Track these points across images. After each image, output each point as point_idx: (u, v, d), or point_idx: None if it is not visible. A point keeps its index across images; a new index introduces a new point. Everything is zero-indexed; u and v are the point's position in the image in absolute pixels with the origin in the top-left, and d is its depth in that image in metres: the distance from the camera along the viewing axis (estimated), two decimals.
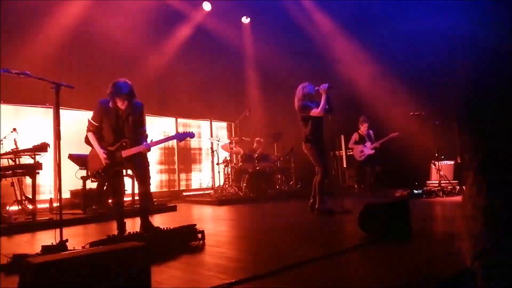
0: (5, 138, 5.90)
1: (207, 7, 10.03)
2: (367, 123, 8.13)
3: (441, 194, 6.99)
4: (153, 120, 9.19)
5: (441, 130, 7.88)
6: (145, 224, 4.04)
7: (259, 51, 10.62)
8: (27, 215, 5.48)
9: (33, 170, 5.28)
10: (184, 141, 4.08)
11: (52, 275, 1.67)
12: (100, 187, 6.47)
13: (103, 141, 3.91)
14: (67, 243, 3.06)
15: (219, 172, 9.13)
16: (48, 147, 5.56)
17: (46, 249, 3.02)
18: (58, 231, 3.05)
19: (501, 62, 7.48)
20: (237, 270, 2.52)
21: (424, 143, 8.60)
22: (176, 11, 9.76)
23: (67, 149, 5.82)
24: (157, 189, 9.13)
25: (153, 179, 4.15)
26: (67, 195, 6.69)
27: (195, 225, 3.59)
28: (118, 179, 3.95)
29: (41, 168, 5.42)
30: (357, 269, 2.61)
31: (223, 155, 9.14)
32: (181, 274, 2.56)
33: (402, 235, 3.42)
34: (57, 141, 3.14)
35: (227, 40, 10.36)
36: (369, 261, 2.75)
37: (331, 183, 8.52)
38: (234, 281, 2.20)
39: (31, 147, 5.58)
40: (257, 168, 8.56)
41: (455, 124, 8.80)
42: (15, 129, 5.94)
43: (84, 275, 1.77)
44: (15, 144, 5.81)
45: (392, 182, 8.79)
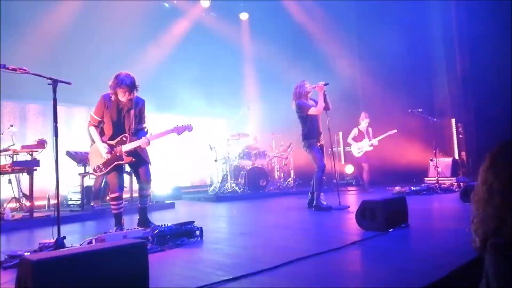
0: (2, 134, 5.87)
1: (205, 3, 9.99)
2: (368, 119, 8.17)
3: (439, 190, 7.02)
4: (151, 116, 9.14)
5: (439, 127, 7.90)
6: (143, 221, 4.05)
7: (258, 47, 10.59)
8: (24, 212, 5.47)
9: (31, 167, 5.27)
10: (182, 134, 4.07)
11: (49, 273, 1.67)
12: (97, 183, 6.48)
13: (103, 135, 3.91)
14: (65, 240, 3.05)
15: (217, 169, 9.13)
16: (45, 144, 5.54)
17: (43, 246, 3.02)
18: (55, 228, 3.04)
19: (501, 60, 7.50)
20: (235, 266, 2.52)
21: (422, 140, 8.63)
22: (174, 7, 9.73)
23: (65, 146, 5.81)
24: (155, 186, 9.11)
25: (152, 176, 4.14)
26: (64, 192, 6.68)
27: (193, 221, 3.59)
28: (117, 174, 3.94)
29: (38, 165, 5.41)
30: (354, 266, 2.61)
31: (221, 152, 9.12)
32: (179, 270, 2.57)
33: (399, 231, 3.43)
34: (55, 137, 3.12)
35: (225, 36, 10.33)
36: (366, 258, 2.76)
37: (329, 179, 8.56)
38: (232, 277, 2.21)
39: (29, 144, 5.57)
40: (255, 165, 8.56)
41: (452, 121, 8.82)
42: (11, 126, 5.92)
43: (82, 273, 1.77)
44: (12, 140, 5.79)
45: (390, 178, 8.82)
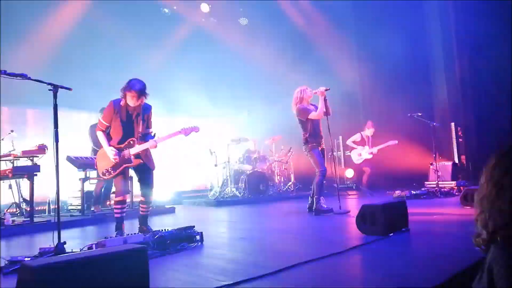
0: (3, 139, 5.88)
1: (205, 8, 10.03)
2: (373, 129, 8.40)
3: (439, 194, 7.01)
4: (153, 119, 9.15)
5: (438, 131, 7.91)
6: (144, 227, 4.05)
7: (257, 52, 10.60)
8: (24, 217, 5.47)
9: (31, 172, 5.27)
10: (189, 135, 4.12)
11: (50, 279, 1.67)
12: (98, 189, 6.48)
13: (111, 140, 3.95)
14: (65, 246, 3.04)
15: (217, 173, 9.12)
16: (46, 149, 5.54)
17: (44, 252, 3.01)
18: (56, 233, 3.04)
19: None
20: (236, 271, 2.52)
21: (422, 144, 8.63)
22: (174, 13, 9.77)
23: (65, 151, 5.81)
24: (155, 191, 9.09)
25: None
26: (65, 197, 6.67)
27: (194, 226, 3.59)
28: (124, 178, 3.96)
29: (39, 170, 5.41)
30: (355, 270, 2.61)
31: (221, 156, 9.12)
32: (179, 275, 2.56)
33: (400, 235, 3.43)
34: (55, 143, 3.13)
35: (225, 41, 10.36)
36: (367, 263, 2.75)
37: (330, 183, 8.56)
38: (233, 282, 2.20)
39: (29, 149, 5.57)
40: (255, 169, 8.56)
41: (452, 125, 8.83)
42: (12, 131, 5.92)
43: (82, 278, 1.77)
44: (13, 145, 5.79)
45: (390, 183, 8.82)
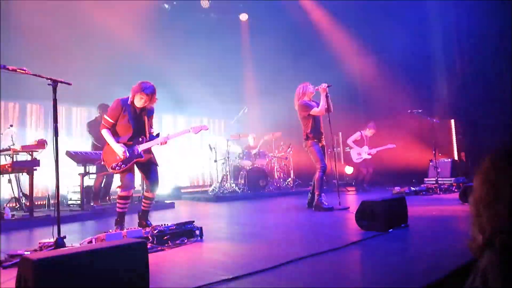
0: (2, 134, 5.87)
1: (205, 4, 9.98)
2: (375, 130, 8.51)
3: (438, 191, 7.02)
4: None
5: (438, 128, 7.92)
6: (144, 221, 4.06)
7: (257, 48, 10.57)
8: (24, 212, 5.47)
9: (31, 167, 5.27)
10: (199, 133, 4.35)
11: (50, 272, 1.67)
12: (98, 183, 6.49)
13: (121, 137, 3.96)
14: (65, 240, 3.05)
15: (217, 169, 9.12)
16: (46, 144, 5.54)
17: (43, 246, 3.02)
18: (55, 227, 3.05)
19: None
20: (236, 266, 2.53)
21: (421, 140, 8.64)
22: (174, 8, 9.72)
23: (65, 146, 5.81)
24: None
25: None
26: (64, 191, 6.68)
27: (193, 221, 3.60)
28: (131, 173, 3.98)
29: (38, 165, 5.40)
30: (354, 266, 2.62)
31: (221, 152, 9.12)
32: (179, 270, 2.57)
33: (399, 232, 3.44)
34: (55, 137, 3.12)
35: (225, 37, 10.32)
36: (366, 258, 2.76)
37: (329, 179, 8.58)
38: (232, 277, 2.21)
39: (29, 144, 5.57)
40: (255, 165, 8.56)
41: (451, 122, 8.84)
42: (11, 126, 5.91)
43: (82, 272, 1.77)
44: (12, 140, 5.78)
45: (390, 179, 8.83)
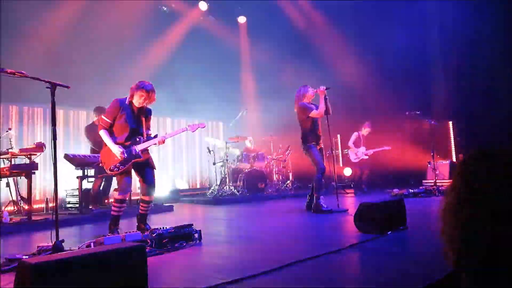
0: (0, 137, 5.86)
1: (203, 6, 10.00)
2: (370, 129, 8.60)
3: (437, 193, 7.02)
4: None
5: (436, 129, 7.93)
6: (142, 225, 4.05)
7: (256, 50, 10.59)
8: (22, 215, 5.46)
9: (29, 170, 5.26)
10: (196, 131, 4.33)
11: (48, 276, 1.67)
12: (96, 186, 6.47)
13: (117, 137, 3.94)
14: (63, 244, 3.04)
15: (215, 171, 9.11)
16: (44, 147, 5.53)
17: (42, 250, 3.01)
18: (54, 231, 3.04)
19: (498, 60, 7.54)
20: (234, 269, 2.52)
21: (420, 142, 8.66)
22: (172, 10, 9.73)
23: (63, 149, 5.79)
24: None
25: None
26: (63, 195, 6.67)
27: (192, 224, 3.59)
28: (128, 176, 3.96)
29: (37, 168, 5.40)
30: (352, 268, 2.62)
31: (220, 154, 9.12)
32: (178, 273, 2.57)
33: (398, 234, 3.44)
34: (53, 141, 3.12)
35: (223, 39, 10.34)
36: (364, 261, 2.76)
37: (328, 182, 8.59)
38: (231, 280, 2.21)
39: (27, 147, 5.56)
40: (254, 167, 8.56)
41: (449, 124, 8.86)
42: (10, 129, 5.91)
43: (80, 276, 1.77)
44: (11, 144, 5.77)
45: (388, 181, 8.84)
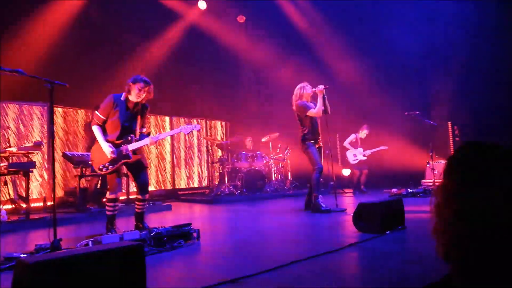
0: None
1: (202, 5, 9.98)
2: (368, 131, 8.65)
3: None
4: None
5: (435, 130, 7.94)
6: (140, 224, 4.03)
7: (254, 50, 10.59)
8: (20, 214, 5.44)
9: (26, 168, 5.24)
10: (190, 133, 4.19)
11: (46, 275, 1.66)
12: (93, 185, 6.46)
13: (108, 135, 3.90)
14: (61, 242, 3.03)
15: (214, 170, 9.11)
16: (42, 145, 5.52)
17: (39, 248, 3.00)
18: (51, 230, 3.03)
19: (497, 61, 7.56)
20: (233, 268, 2.52)
21: (418, 143, 8.67)
22: (170, 9, 9.71)
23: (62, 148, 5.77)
24: (152, 188, 9.11)
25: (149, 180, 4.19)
26: (60, 193, 6.66)
27: (191, 224, 3.59)
28: (118, 175, 3.93)
29: (34, 166, 5.38)
30: (351, 268, 2.62)
31: (218, 153, 9.12)
32: (176, 273, 2.56)
33: (396, 233, 3.44)
34: (51, 139, 3.11)
35: (222, 38, 10.33)
36: (363, 260, 2.76)
37: (327, 181, 8.59)
38: (229, 279, 2.20)
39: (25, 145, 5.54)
40: (252, 167, 8.56)
41: (448, 124, 8.87)
42: (8, 127, 5.89)
43: (78, 275, 1.76)
44: (9, 142, 5.76)
45: (387, 181, 8.85)
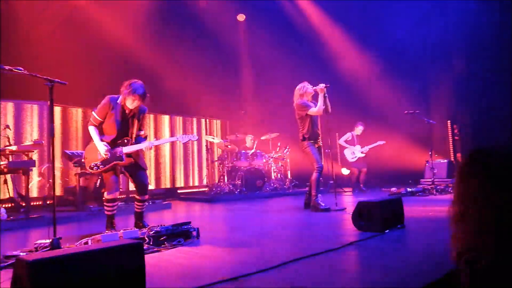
0: None
1: (201, 4, 9.96)
2: (363, 127, 8.66)
3: (434, 192, 7.04)
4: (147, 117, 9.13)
5: (434, 128, 7.95)
6: (140, 222, 4.04)
7: (255, 48, 10.58)
8: (20, 212, 5.44)
9: (26, 167, 5.24)
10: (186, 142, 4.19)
11: (45, 273, 1.66)
12: (92, 184, 6.47)
13: (105, 136, 3.93)
14: (61, 241, 3.03)
15: (213, 169, 9.11)
16: (42, 144, 5.52)
17: (39, 247, 3.01)
18: (51, 228, 3.03)
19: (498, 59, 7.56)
20: (232, 267, 2.52)
21: (418, 141, 8.67)
22: (170, 7, 9.69)
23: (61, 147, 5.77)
24: (152, 187, 9.11)
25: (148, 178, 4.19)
26: (60, 192, 6.66)
27: (190, 222, 3.59)
28: (115, 175, 3.94)
29: (34, 165, 5.38)
30: (351, 266, 2.62)
31: (218, 152, 9.12)
32: (175, 271, 2.56)
33: (395, 232, 3.45)
34: (51, 138, 3.11)
35: (222, 37, 10.31)
36: (362, 259, 2.77)
37: (326, 180, 8.59)
38: (229, 278, 2.21)
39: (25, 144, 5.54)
40: (252, 165, 8.56)
41: (448, 123, 8.88)
42: (8, 126, 5.88)
43: (78, 273, 1.76)
44: (8, 141, 5.75)
45: (386, 180, 8.86)
